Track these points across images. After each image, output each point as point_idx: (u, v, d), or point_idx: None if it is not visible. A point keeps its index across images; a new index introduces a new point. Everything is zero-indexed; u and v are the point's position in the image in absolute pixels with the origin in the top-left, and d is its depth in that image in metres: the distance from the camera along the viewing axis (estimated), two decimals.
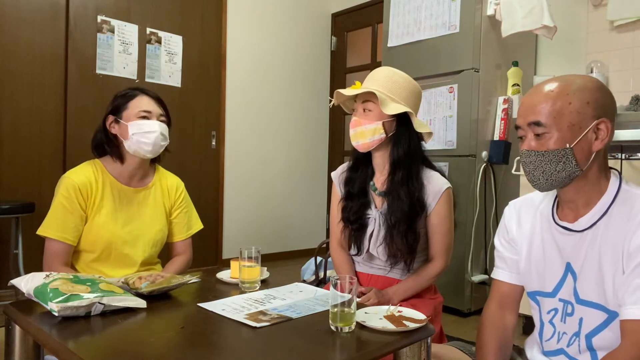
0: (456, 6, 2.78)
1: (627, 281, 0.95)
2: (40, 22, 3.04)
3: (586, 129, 0.98)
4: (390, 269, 1.58)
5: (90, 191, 1.55)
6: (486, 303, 1.24)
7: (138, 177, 1.65)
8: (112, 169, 1.61)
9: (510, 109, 2.78)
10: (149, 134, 1.55)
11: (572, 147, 0.98)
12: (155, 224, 1.66)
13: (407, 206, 1.51)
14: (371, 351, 0.95)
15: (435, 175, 1.58)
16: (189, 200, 1.80)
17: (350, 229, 1.62)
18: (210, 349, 0.95)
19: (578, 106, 0.97)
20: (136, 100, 1.58)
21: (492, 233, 2.85)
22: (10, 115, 2.94)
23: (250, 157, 4.12)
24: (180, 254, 1.75)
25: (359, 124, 1.55)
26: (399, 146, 1.55)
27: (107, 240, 1.55)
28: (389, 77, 1.56)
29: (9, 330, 1.13)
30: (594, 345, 1.02)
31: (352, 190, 1.64)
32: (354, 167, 1.68)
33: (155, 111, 1.60)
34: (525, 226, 1.16)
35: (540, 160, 1.01)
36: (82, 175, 1.55)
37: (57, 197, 1.52)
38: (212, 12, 3.84)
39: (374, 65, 4.28)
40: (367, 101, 1.55)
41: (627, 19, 2.67)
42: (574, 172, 1.00)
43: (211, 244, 3.88)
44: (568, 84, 0.99)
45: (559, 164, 0.99)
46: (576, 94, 0.98)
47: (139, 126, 1.55)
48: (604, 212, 1.01)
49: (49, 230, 1.50)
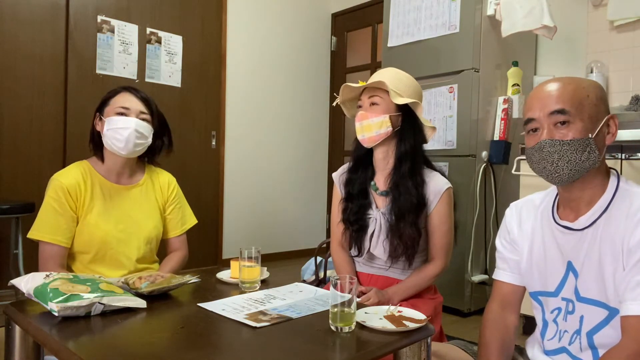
0: (456, 6, 2.78)
1: (627, 277, 0.96)
2: (40, 22, 3.04)
3: (601, 122, 1.01)
4: (390, 266, 1.58)
5: (79, 192, 1.54)
6: (487, 303, 1.24)
7: (126, 175, 1.64)
8: (99, 167, 1.60)
9: (510, 109, 2.78)
10: (122, 129, 1.52)
11: (593, 137, 1.00)
12: (148, 220, 1.65)
13: (415, 198, 1.52)
14: (371, 351, 0.95)
15: (436, 174, 1.58)
16: (182, 195, 1.80)
17: (351, 230, 1.62)
18: (210, 349, 0.95)
19: (594, 99, 1.01)
20: (118, 97, 1.57)
21: (492, 233, 2.85)
22: (10, 115, 2.94)
23: (250, 157, 4.12)
24: (176, 249, 1.76)
25: (366, 117, 1.56)
26: (404, 140, 1.56)
27: (101, 240, 1.54)
28: (394, 75, 1.59)
29: (9, 330, 1.13)
30: (595, 342, 1.02)
31: (352, 191, 1.64)
32: (353, 168, 1.68)
33: (135, 108, 1.55)
34: (526, 227, 1.17)
35: (565, 150, 0.99)
36: (70, 176, 1.54)
37: (46, 199, 1.51)
38: (212, 12, 3.84)
39: (374, 65, 4.28)
40: (374, 95, 1.56)
41: (627, 19, 2.67)
42: (595, 162, 1.01)
43: (211, 244, 3.88)
44: (579, 80, 1.03)
45: (584, 152, 0.99)
46: (590, 89, 1.01)
47: (113, 122, 1.53)
48: (603, 210, 1.02)
49: (40, 233, 1.48)
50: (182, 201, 1.79)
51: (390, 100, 1.54)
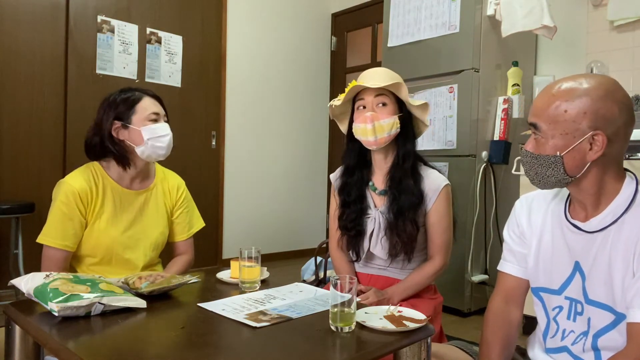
0: (456, 6, 2.78)
1: (636, 284, 0.95)
2: (40, 22, 3.04)
3: (580, 138, 0.95)
4: (390, 264, 1.57)
5: (91, 197, 1.51)
6: (491, 297, 1.22)
7: (140, 180, 1.62)
8: (113, 172, 1.57)
9: (510, 109, 2.78)
10: (163, 137, 1.54)
11: (562, 156, 0.98)
12: (156, 227, 1.64)
13: (415, 197, 1.52)
14: (371, 351, 0.95)
15: (433, 172, 1.59)
16: (191, 199, 1.78)
17: (348, 235, 1.62)
18: (210, 349, 0.95)
19: (573, 115, 0.95)
20: (143, 102, 1.54)
21: (492, 233, 2.85)
22: (10, 115, 2.94)
23: (250, 157, 4.12)
24: (182, 253, 1.73)
25: (377, 118, 1.51)
26: (407, 140, 1.56)
27: (108, 246, 1.53)
28: (390, 75, 1.56)
29: (9, 330, 1.13)
30: (599, 345, 1.02)
31: (347, 198, 1.63)
32: (348, 172, 1.65)
33: (161, 112, 1.58)
34: (535, 221, 1.15)
35: (533, 162, 1.03)
36: (82, 180, 1.51)
37: (56, 203, 1.48)
38: (212, 12, 3.84)
39: (374, 65, 4.27)
40: (382, 95, 1.54)
41: (627, 19, 2.67)
42: (562, 179, 1.00)
43: (211, 244, 3.88)
44: (573, 89, 0.96)
45: (549, 169, 1.00)
46: (575, 102, 0.95)
47: (152, 130, 1.52)
48: (616, 218, 1.00)
49: (49, 238, 1.47)
50: (191, 205, 1.77)
51: (396, 101, 1.54)
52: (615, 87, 0.97)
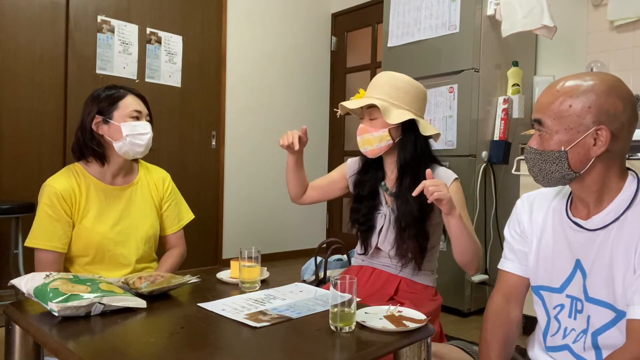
0: (456, 6, 2.78)
1: (637, 281, 0.95)
2: (40, 22, 3.04)
3: (584, 133, 0.97)
4: (400, 269, 1.58)
5: (74, 197, 1.52)
6: (491, 296, 1.22)
7: (122, 175, 1.63)
8: (93, 170, 1.58)
9: (510, 109, 2.78)
10: (143, 135, 1.55)
11: (566, 151, 0.98)
12: (145, 220, 1.65)
13: (417, 210, 1.50)
14: (371, 351, 0.95)
15: (442, 169, 1.59)
16: (177, 191, 1.79)
17: (359, 229, 1.64)
18: (210, 349, 0.95)
19: (578, 110, 0.97)
20: (126, 100, 1.56)
21: (492, 233, 2.85)
22: (10, 115, 2.94)
23: (250, 157, 4.12)
24: (174, 246, 1.75)
25: (366, 131, 1.56)
26: (405, 151, 1.55)
27: (99, 243, 1.53)
28: (391, 84, 1.55)
29: (9, 330, 1.13)
30: (599, 343, 1.02)
31: (362, 192, 1.65)
32: (364, 170, 1.69)
33: (144, 111, 1.59)
34: (537, 219, 1.16)
35: (537, 159, 1.03)
36: (64, 181, 1.52)
37: (41, 206, 1.49)
38: (212, 12, 3.84)
39: (374, 65, 4.28)
40: (372, 108, 1.54)
41: (627, 19, 2.67)
42: (567, 174, 1.00)
43: (211, 244, 3.88)
44: (577, 85, 0.98)
45: (553, 165, 1.00)
46: (580, 97, 0.97)
47: (132, 127, 1.53)
48: (618, 215, 1.00)
49: (37, 240, 1.47)
50: (178, 197, 1.78)
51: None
52: (619, 84, 0.98)
